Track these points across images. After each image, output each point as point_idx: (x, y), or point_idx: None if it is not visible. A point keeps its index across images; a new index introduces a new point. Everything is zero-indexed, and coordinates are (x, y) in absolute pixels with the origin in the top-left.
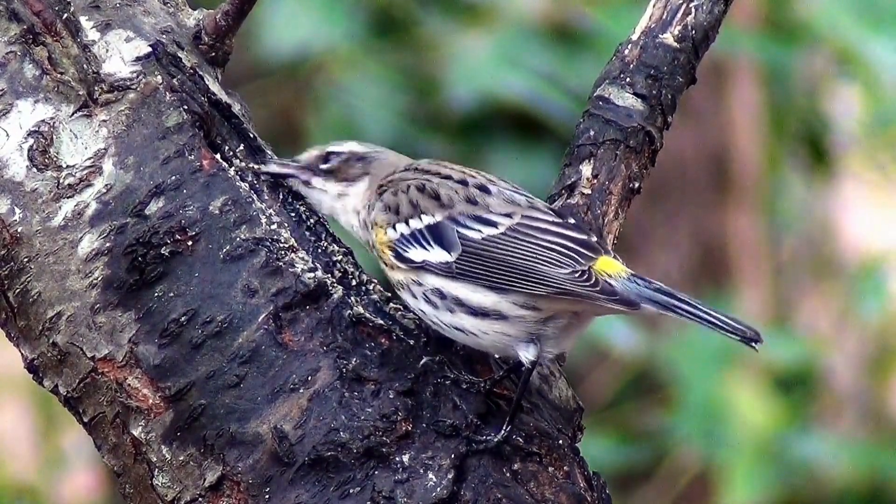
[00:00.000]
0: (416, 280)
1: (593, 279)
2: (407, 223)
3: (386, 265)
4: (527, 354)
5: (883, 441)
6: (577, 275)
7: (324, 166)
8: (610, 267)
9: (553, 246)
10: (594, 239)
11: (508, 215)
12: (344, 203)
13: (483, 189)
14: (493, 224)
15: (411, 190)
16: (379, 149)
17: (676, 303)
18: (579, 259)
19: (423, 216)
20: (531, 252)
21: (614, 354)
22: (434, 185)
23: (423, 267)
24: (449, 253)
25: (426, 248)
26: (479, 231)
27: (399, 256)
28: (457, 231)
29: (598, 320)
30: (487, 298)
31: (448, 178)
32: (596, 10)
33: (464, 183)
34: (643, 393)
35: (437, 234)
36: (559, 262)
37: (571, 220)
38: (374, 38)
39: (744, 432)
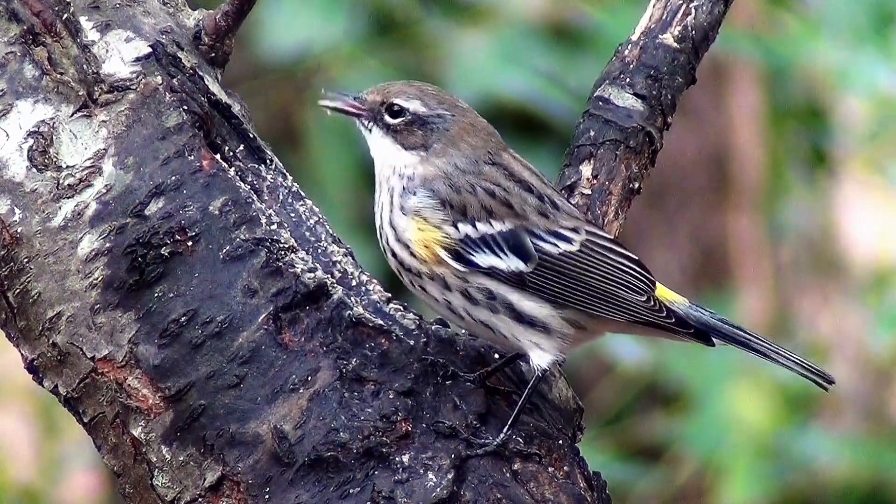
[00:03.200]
0: (462, 277)
1: (664, 309)
2: (475, 225)
3: (417, 258)
4: (541, 363)
5: (883, 439)
6: (651, 303)
7: (387, 120)
8: (667, 294)
9: (626, 269)
10: (640, 259)
11: (576, 230)
12: (393, 161)
13: (553, 204)
14: (568, 240)
15: (480, 192)
16: (450, 111)
17: (748, 337)
18: (649, 284)
19: (493, 221)
20: (609, 274)
21: (619, 367)
22: (505, 193)
23: (488, 273)
24: (525, 263)
25: (498, 255)
26: (556, 246)
27: (459, 258)
28: (533, 242)
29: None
30: (542, 310)
31: (528, 188)
32: (596, 9)
33: (540, 197)
34: (648, 404)
35: (512, 243)
36: (636, 287)
37: (616, 238)
38: (373, 38)
39: (743, 430)
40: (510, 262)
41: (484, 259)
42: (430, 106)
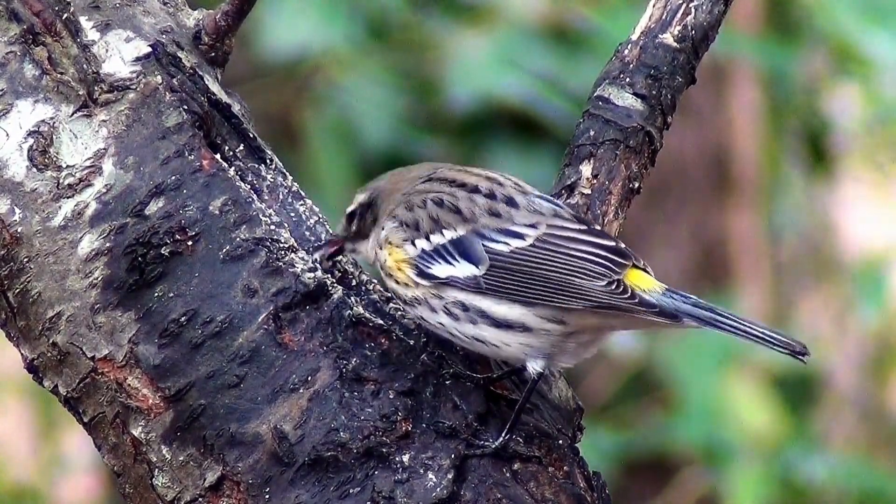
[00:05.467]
0: (437, 294)
1: (629, 291)
2: (428, 238)
3: (399, 283)
4: (535, 366)
5: (881, 450)
6: (613, 286)
7: (352, 229)
8: (643, 282)
9: (585, 255)
10: (622, 245)
11: (533, 226)
12: (375, 253)
13: (510, 202)
14: (520, 236)
15: (429, 205)
16: (378, 181)
17: (718, 317)
18: (613, 268)
19: (444, 231)
20: (563, 263)
21: (612, 356)
22: (453, 200)
23: (447, 283)
24: (476, 267)
25: (451, 264)
26: (507, 244)
27: (421, 273)
28: (483, 245)
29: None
30: (513, 311)
31: (475, 189)
32: (595, 11)
33: (491, 195)
34: (641, 394)
35: (462, 249)
36: (594, 273)
37: (596, 227)
38: (373, 39)
39: (745, 442)
40: (463, 269)
41: (441, 269)
42: (366, 190)
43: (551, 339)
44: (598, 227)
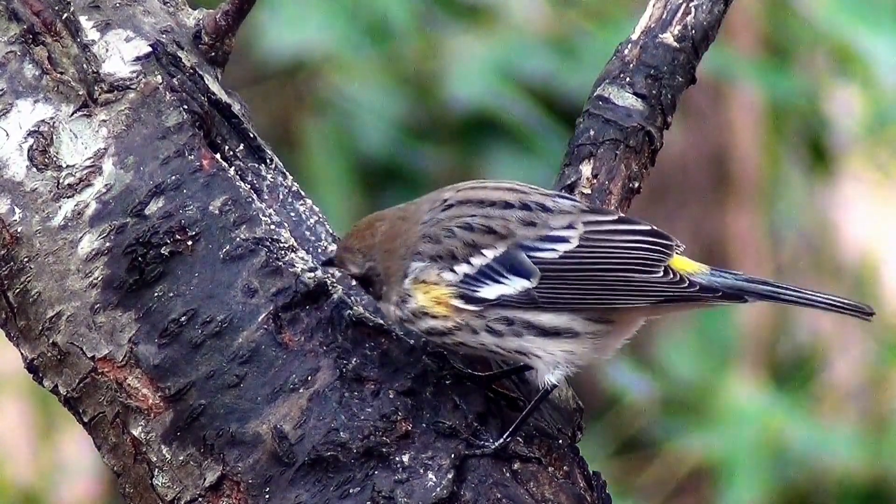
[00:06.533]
0: (480, 314)
1: (685, 279)
2: (469, 262)
3: (437, 318)
4: (550, 378)
5: (883, 432)
6: (670, 276)
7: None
8: (687, 266)
9: (635, 247)
10: (656, 227)
11: (570, 226)
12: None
13: (543, 207)
14: (564, 240)
15: (458, 231)
16: (357, 243)
17: (777, 289)
18: (663, 255)
19: (484, 251)
20: (617, 259)
21: (627, 401)
22: (483, 220)
23: (497, 303)
24: (528, 280)
25: (501, 282)
26: (555, 250)
27: (468, 299)
28: (529, 255)
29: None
30: (560, 318)
31: (507, 205)
32: (594, 22)
33: (525, 206)
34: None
35: (509, 264)
36: (650, 263)
37: (620, 213)
38: (373, 44)
39: (743, 429)
40: (515, 284)
41: (490, 291)
42: (353, 263)
43: (596, 340)
44: (622, 214)
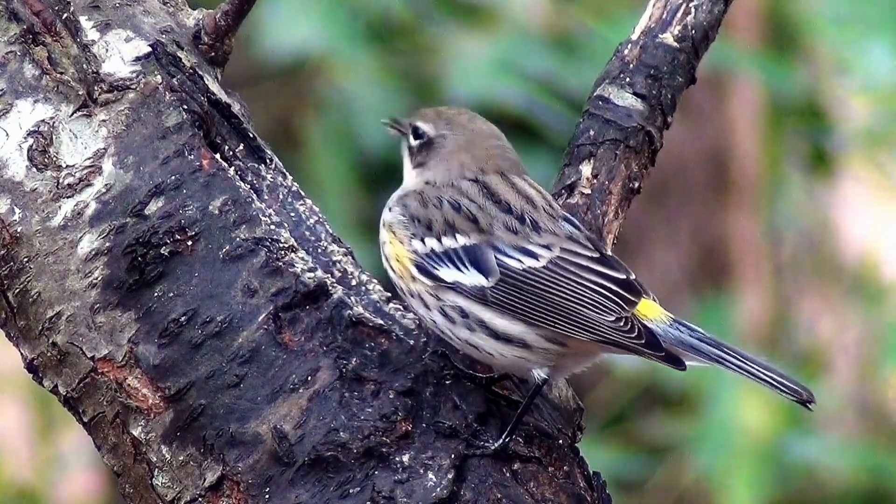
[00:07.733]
0: (435, 294)
1: (636, 329)
2: (440, 240)
3: (395, 273)
4: (540, 373)
5: (882, 440)
6: (621, 323)
7: (410, 141)
8: (650, 311)
9: (597, 287)
10: (633, 277)
11: (548, 247)
12: (406, 177)
13: (533, 224)
14: (534, 256)
15: (445, 206)
16: (452, 131)
17: (724, 355)
18: (623, 305)
19: (458, 235)
20: (574, 292)
21: (617, 371)
22: (472, 208)
23: (452, 287)
24: (486, 278)
25: (460, 270)
26: (520, 261)
27: (425, 272)
28: (496, 257)
29: None
30: (515, 327)
31: (507, 209)
32: (596, 19)
33: (520, 217)
34: (649, 406)
35: (473, 257)
36: (604, 307)
37: (609, 254)
38: (373, 42)
39: (743, 435)
40: (472, 277)
41: (448, 273)
42: (437, 127)
43: (549, 356)
44: (612, 256)
